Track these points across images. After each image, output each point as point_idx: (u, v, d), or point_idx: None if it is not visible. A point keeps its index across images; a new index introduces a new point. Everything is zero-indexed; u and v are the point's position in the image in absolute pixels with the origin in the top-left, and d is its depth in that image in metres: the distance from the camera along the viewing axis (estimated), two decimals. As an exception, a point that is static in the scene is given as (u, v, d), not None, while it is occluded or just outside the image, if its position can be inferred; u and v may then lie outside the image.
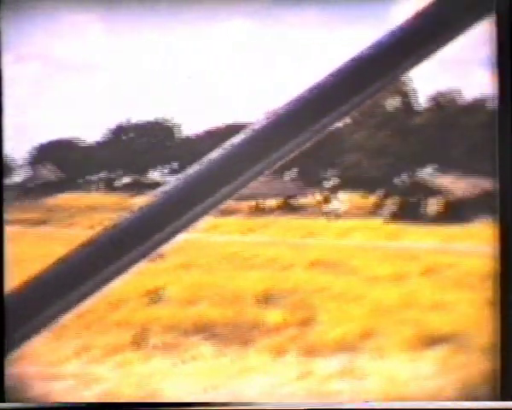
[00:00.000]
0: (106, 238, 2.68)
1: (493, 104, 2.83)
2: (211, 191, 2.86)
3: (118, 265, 2.64)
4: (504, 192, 3.20)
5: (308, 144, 2.70)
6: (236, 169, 2.65)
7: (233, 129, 4.39)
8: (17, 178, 4.77)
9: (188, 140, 4.71)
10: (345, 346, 3.95)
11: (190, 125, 4.64)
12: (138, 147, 4.87)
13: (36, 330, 2.52)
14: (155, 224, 2.76)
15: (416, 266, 4.08)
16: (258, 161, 2.65)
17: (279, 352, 3.92)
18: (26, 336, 2.52)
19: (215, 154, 2.78)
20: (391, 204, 4.54)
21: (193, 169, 2.80)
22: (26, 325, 2.50)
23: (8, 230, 4.54)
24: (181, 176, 2.85)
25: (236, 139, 2.70)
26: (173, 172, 4.92)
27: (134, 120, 4.71)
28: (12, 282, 4.01)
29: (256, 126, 2.73)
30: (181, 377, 3.78)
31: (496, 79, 2.69)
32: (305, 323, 4.06)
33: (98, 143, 4.69)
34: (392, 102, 4.25)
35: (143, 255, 2.68)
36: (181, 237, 2.93)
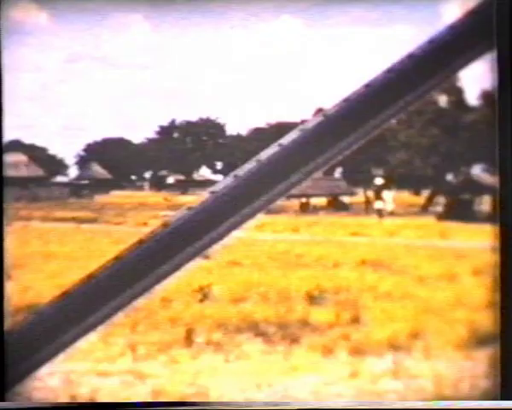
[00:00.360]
0: (159, 237, 2.70)
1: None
2: (263, 190, 2.86)
3: (171, 263, 2.67)
4: (504, 191, 3.16)
5: (360, 143, 2.68)
6: (289, 168, 2.65)
7: (280, 128, 4.38)
8: (68, 176, 4.83)
9: (235, 138, 4.72)
10: (393, 345, 3.93)
11: (237, 124, 4.65)
12: (186, 145, 4.89)
13: (91, 327, 2.55)
14: (208, 223, 2.78)
15: (466, 266, 4.03)
16: (311, 160, 2.64)
17: (328, 351, 3.92)
18: (81, 334, 2.55)
19: (267, 153, 2.77)
20: (441, 202, 4.49)
21: (245, 168, 2.79)
22: (82, 323, 2.54)
23: (61, 227, 4.61)
24: (233, 175, 2.85)
25: (288, 139, 2.69)
26: (221, 170, 4.94)
27: (182, 119, 4.73)
28: (68, 278, 4.07)
29: (308, 126, 2.71)
30: (229, 375, 3.80)
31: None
32: (354, 322, 4.04)
33: (147, 142, 4.73)
34: (443, 99, 4.19)
35: (196, 254, 2.70)
36: (230, 236, 2.94)
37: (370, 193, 4.67)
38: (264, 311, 4.09)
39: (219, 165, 4.90)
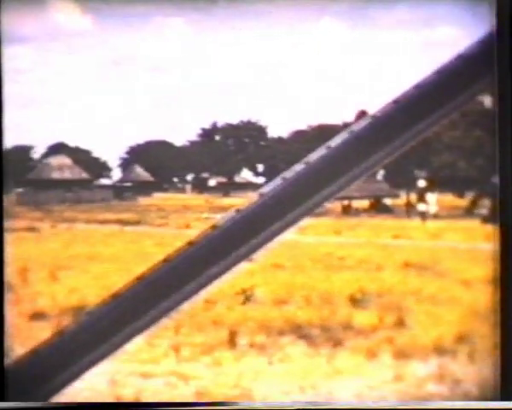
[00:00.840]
0: (208, 239, 2.70)
1: None
2: (311, 193, 2.83)
3: (220, 265, 2.66)
4: (504, 192, 3.12)
5: (408, 146, 2.65)
6: (337, 171, 2.63)
7: (321, 130, 4.38)
8: (111, 179, 4.88)
9: (277, 141, 4.72)
10: (438, 349, 3.89)
11: (279, 126, 4.65)
12: (228, 148, 4.91)
13: (141, 329, 2.55)
14: (256, 225, 2.77)
15: (512, 269, 3.98)
16: (359, 163, 2.62)
17: (371, 354, 3.89)
18: (131, 336, 2.56)
19: (315, 155, 2.76)
20: (485, 205, 4.44)
21: (293, 171, 2.78)
22: (131, 325, 2.55)
23: (105, 229, 4.65)
24: (281, 178, 2.85)
25: (336, 141, 2.67)
26: (262, 172, 4.94)
27: (224, 121, 4.75)
28: (112, 279, 4.11)
29: (356, 128, 2.69)
30: (273, 378, 3.80)
31: None
32: (398, 325, 4.01)
33: (189, 145, 4.75)
34: (487, 100, 4.15)
35: (244, 256, 2.69)
36: (278, 238, 2.92)
37: (413, 195, 4.64)
38: (307, 313, 4.08)
39: (261, 167, 4.91)
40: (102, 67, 4.45)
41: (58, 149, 4.67)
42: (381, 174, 4.69)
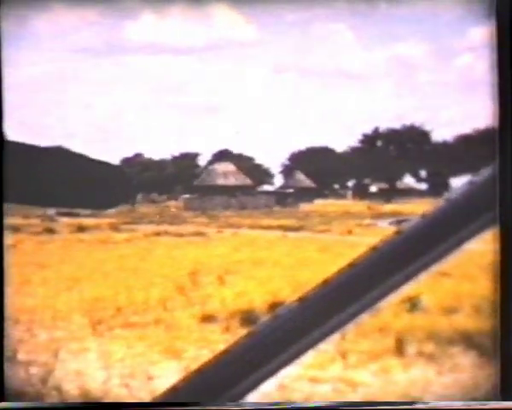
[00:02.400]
0: (392, 245, 2.66)
1: None
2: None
3: (405, 272, 2.62)
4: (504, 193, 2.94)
5: None
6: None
7: (489, 134, 4.25)
8: (273, 185, 4.94)
9: (441, 146, 4.62)
10: None
11: (443, 131, 4.56)
12: (390, 153, 4.86)
13: (326, 334, 2.56)
14: (442, 232, 2.72)
15: None
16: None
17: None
18: (317, 341, 2.56)
19: None
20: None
21: (482, 173, 2.70)
22: (317, 330, 2.56)
23: (268, 235, 4.71)
24: (469, 182, 2.77)
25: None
26: (425, 179, 4.86)
27: (385, 127, 4.70)
28: (277, 284, 4.16)
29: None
30: (442, 388, 3.72)
31: None
32: None
33: (350, 151, 4.74)
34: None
35: (430, 264, 2.64)
36: (464, 246, 2.84)
37: None
38: (477, 323, 3.97)
39: (423, 173, 4.83)
40: (265, 76, 4.52)
41: (223, 156, 4.78)
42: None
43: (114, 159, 4.42)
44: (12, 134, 4.22)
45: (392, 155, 4.86)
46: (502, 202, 3.02)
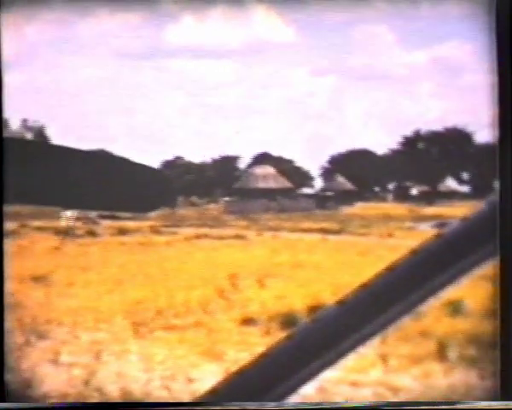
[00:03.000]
0: (432, 248, 2.65)
1: None
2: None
3: (445, 276, 2.60)
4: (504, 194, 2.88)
5: None
6: None
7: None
8: (313, 188, 4.93)
9: (484, 148, 4.57)
10: None
11: (484, 133, 4.50)
12: (431, 156, 4.82)
13: (367, 337, 2.55)
14: (484, 235, 2.69)
15: None
16: None
17: None
18: (357, 344, 2.56)
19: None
20: None
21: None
22: (358, 332, 2.55)
23: (308, 238, 4.71)
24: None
25: None
26: (468, 181, 4.80)
27: (427, 129, 4.66)
28: (317, 288, 4.15)
29: None
30: (486, 393, 3.67)
31: None
32: None
33: (391, 153, 4.71)
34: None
35: (471, 268, 2.62)
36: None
37: None
38: (521, 327, 3.92)
39: (466, 176, 4.78)
40: (304, 79, 4.52)
41: (262, 158, 4.79)
42: None
43: (155, 162, 4.46)
44: (56, 138, 4.28)
45: (434, 157, 4.81)
46: (502, 205, 2.99)
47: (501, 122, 2.95)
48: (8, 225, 4.34)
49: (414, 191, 4.85)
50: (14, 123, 4.53)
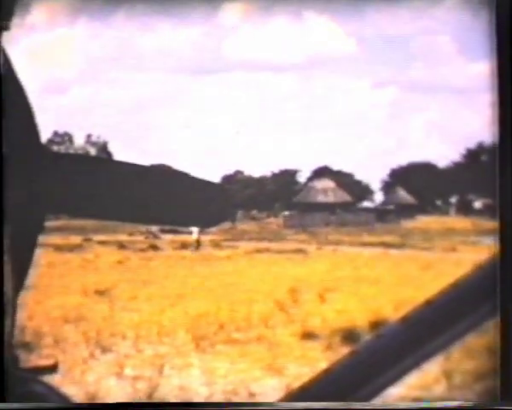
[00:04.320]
0: (497, 262, 2.60)
1: None
2: None
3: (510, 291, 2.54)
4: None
5: None
6: None
7: None
8: (374, 201, 4.90)
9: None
10: None
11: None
12: (495, 168, 4.73)
13: (430, 354, 2.51)
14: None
15: None
16: None
17: None
18: (421, 360, 2.52)
19: None
20: None
21: None
22: (421, 349, 2.52)
23: (369, 252, 4.67)
24: None
25: None
26: (533, 193, 4.70)
27: (490, 141, 4.58)
28: (379, 302, 4.09)
29: None
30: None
31: None
32: None
33: (453, 166, 4.65)
34: None
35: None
36: None
37: None
38: None
39: (531, 188, 4.67)
40: (366, 90, 4.49)
41: (322, 172, 4.78)
42: None
43: (215, 177, 4.48)
44: (117, 153, 4.34)
45: (497, 169, 4.72)
46: (501, 202, 2.97)
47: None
48: (72, 239, 4.41)
49: (477, 205, 4.77)
50: (78, 138, 4.62)
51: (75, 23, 3.90)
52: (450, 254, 4.41)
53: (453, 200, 4.81)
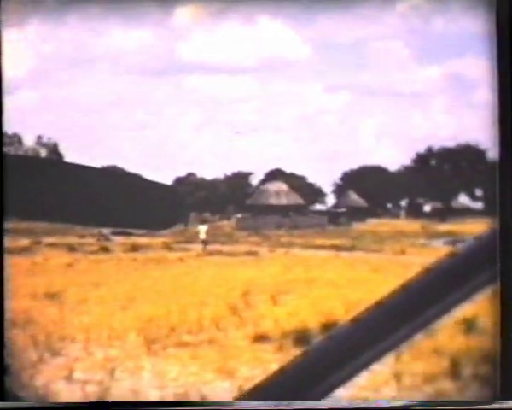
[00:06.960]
0: (446, 267, 2.63)
1: None
2: None
3: (459, 293, 2.58)
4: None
5: None
6: None
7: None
8: (326, 204, 4.94)
9: (496, 165, 4.56)
10: None
11: (497, 150, 4.48)
12: (444, 172, 4.81)
13: (378, 355, 2.53)
14: (500, 253, 2.65)
15: None
16: None
17: None
18: (369, 362, 2.53)
19: None
20: None
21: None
22: (370, 351, 2.53)
23: (321, 254, 4.70)
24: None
25: None
26: (480, 198, 4.79)
27: (439, 145, 4.66)
28: (330, 305, 4.12)
29: None
30: (499, 411, 3.64)
31: None
32: None
33: (403, 170, 4.71)
34: None
35: (486, 285, 2.60)
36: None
37: None
38: (535, 345, 3.88)
39: (479, 192, 4.76)
40: (320, 95, 4.52)
41: (275, 175, 4.79)
42: None
43: (168, 179, 4.47)
44: (68, 155, 4.30)
45: (447, 174, 4.80)
46: (502, 200, 3.02)
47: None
48: (21, 242, 4.35)
49: (427, 208, 4.85)
50: (28, 140, 4.56)
51: (26, 23, 3.86)
52: (400, 256, 4.47)
53: (403, 203, 4.87)
